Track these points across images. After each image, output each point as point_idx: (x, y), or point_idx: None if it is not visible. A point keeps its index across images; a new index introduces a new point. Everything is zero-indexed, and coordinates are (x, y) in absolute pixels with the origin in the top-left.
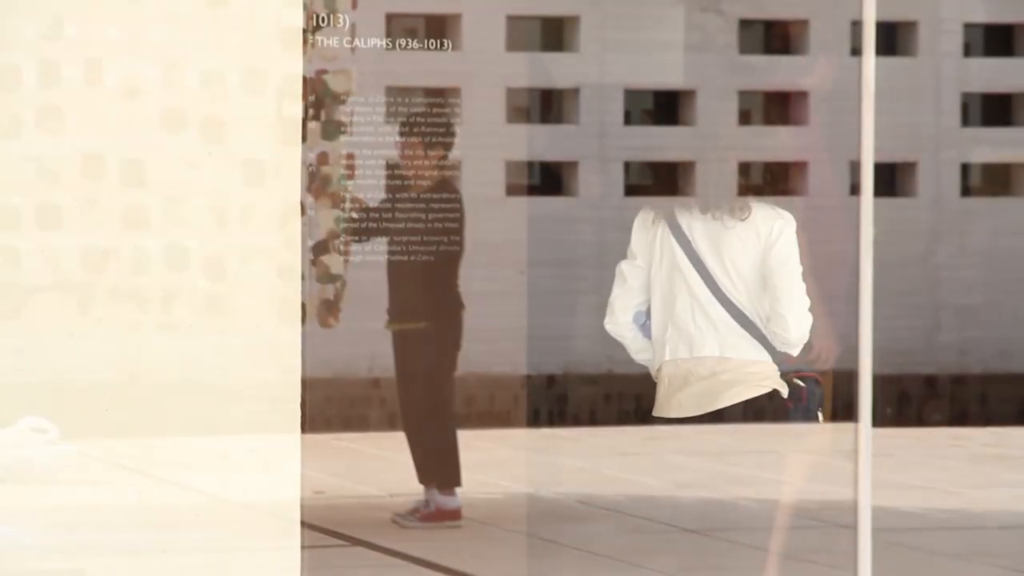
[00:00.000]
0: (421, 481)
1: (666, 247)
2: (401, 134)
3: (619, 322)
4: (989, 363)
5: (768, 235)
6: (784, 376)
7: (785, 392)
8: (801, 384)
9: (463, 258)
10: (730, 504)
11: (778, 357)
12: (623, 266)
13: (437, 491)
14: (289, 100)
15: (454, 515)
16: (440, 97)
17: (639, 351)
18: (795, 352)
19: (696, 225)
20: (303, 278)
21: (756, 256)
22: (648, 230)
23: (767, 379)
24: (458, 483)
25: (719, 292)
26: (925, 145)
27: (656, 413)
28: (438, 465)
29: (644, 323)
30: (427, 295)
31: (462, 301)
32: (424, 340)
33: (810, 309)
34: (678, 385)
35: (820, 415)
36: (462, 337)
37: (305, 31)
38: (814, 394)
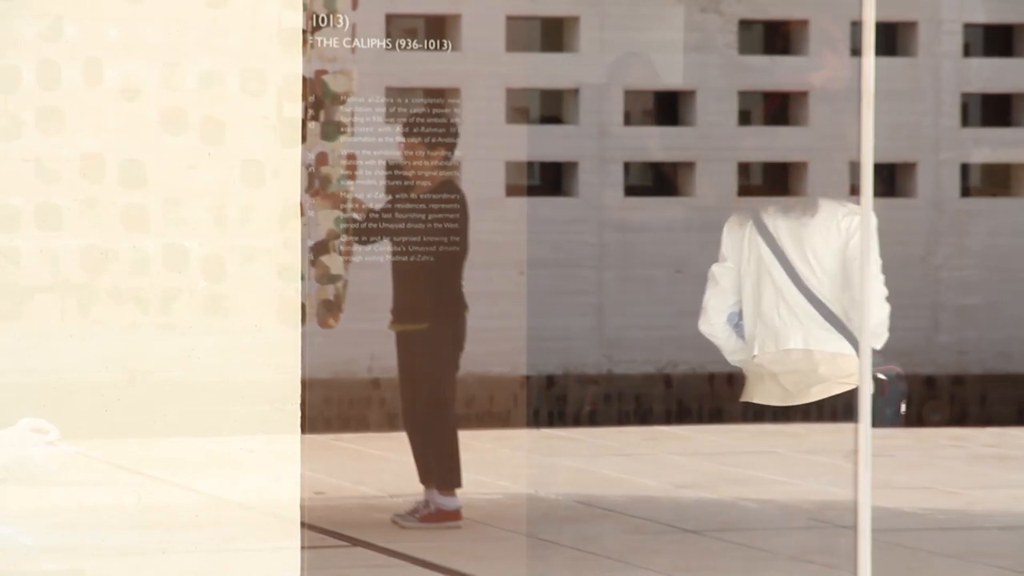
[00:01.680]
0: (422, 481)
1: (753, 247)
2: (404, 135)
3: (713, 323)
4: (988, 364)
5: (848, 228)
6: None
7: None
8: (883, 378)
9: (466, 259)
10: (730, 504)
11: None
12: (715, 269)
13: (437, 492)
14: (289, 101)
15: (454, 516)
16: (440, 97)
17: (733, 351)
18: (878, 346)
19: (780, 223)
20: (303, 278)
21: (838, 250)
22: (737, 233)
23: (852, 375)
24: (458, 484)
25: (802, 286)
26: (925, 145)
27: (744, 399)
28: (438, 465)
29: (737, 324)
30: (430, 296)
31: (465, 302)
32: (427, 341)
33: (888, 299)
34: (767, 375)
35: (903, 408)
36: (465, 338)
37: (305, 31)
38: (896, 388)
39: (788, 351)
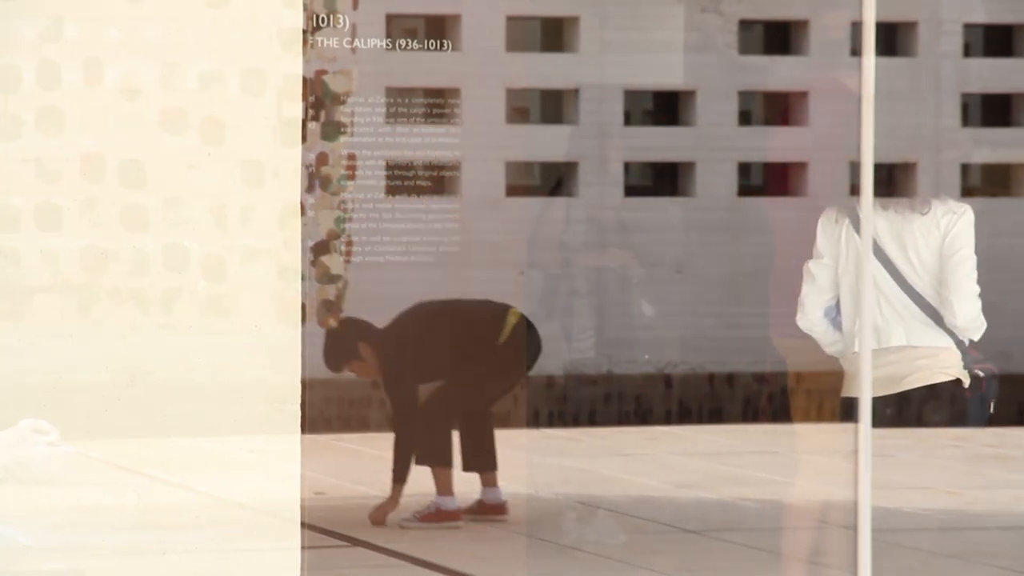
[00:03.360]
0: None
1: (851, 244)
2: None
3: (811, 318)
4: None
5: (947, 226)
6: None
7: (967, 381)
8: (980, 375)
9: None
10: (730, 504)
11: (963, 346)
12: (811, 265)
13: (437, 492)
14: (289, 101)
15: (453, 516)
16: (440, 97)
17: (831, 343)
18: (975, 337)
19: (879, 221)
20: (303, 278)
21: (936, 247)
22: (832, 229)
23: (952, 367)
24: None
25: (904, 283)
26: (925, 145)
27: (844, 394)
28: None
29: (834, 317)
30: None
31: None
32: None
33: (980, 296)
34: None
35: (992, 406)
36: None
37: (305, 31)
38: (991, 386)
39: (890, 348)
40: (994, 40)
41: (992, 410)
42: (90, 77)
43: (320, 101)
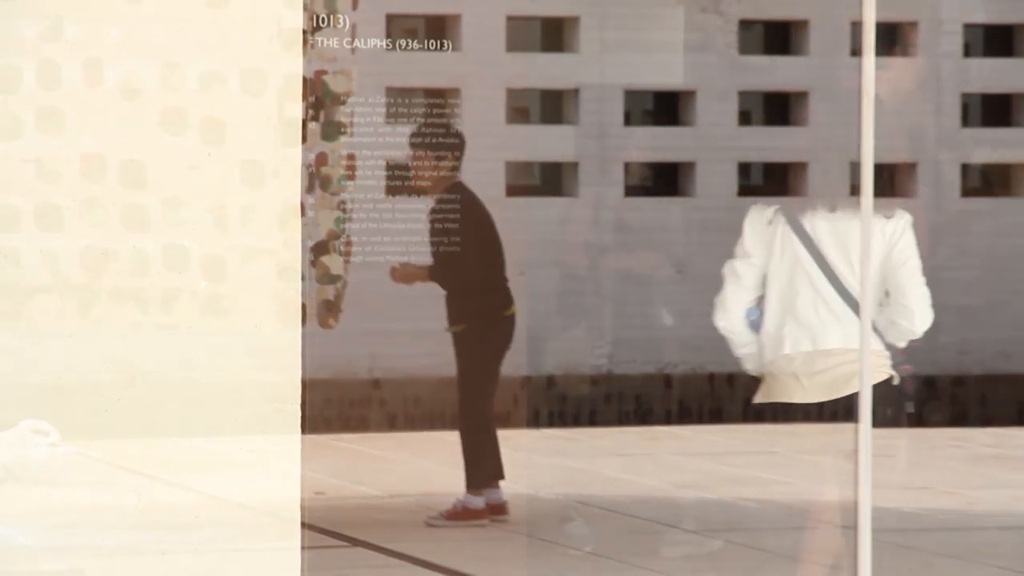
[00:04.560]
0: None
1: (787, 244)
2: (411, 146)
3: (733, 318)
4: (989, 364)
5: (892, 233)
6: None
7: (897, 380)
8: (905, 376)
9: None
10: (730, 504)
11: (892, 348)
12: (737, 264)
13: (467, 491)
14: (289, 101)
15: (479, 514)
16: (440, 98)
17: (744, 345)
18: (915, 339)
19: (821, 223)
20: (303, 279)
21: (880, 253)
22: (765, 229)
23: (883, 367)
24: (484, 484)
25: (840, 286)
26: (925, 145)
27: (765, 399)
28: (465, 464)
29: (754, 320)
30: (469, 297)
31: (511, 298)
32: (463, 341)
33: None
34: (802, 374)
35: (911, 406)
36: (511, 335)
37: (305, 31)
38: (912, 387)
39: (827, 351)
40: (994, 40)
41: (911, 410)
42: (90, 77)
43: (320, 101)
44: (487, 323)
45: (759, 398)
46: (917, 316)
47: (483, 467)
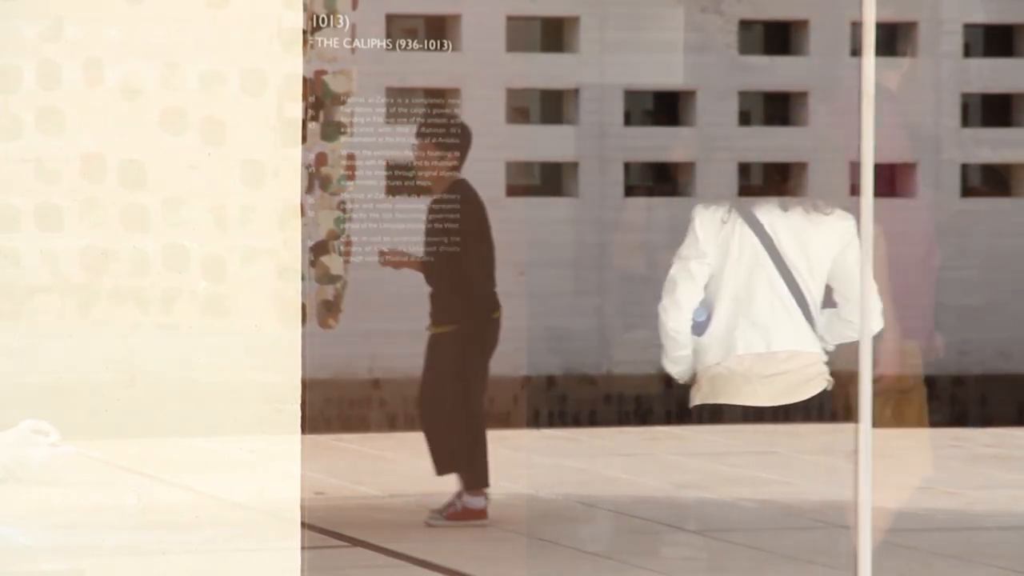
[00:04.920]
0: (440, 473)
1: (746, 244)
2: (418, 136)
3: (685, 318)
4: (989, 364)
5: (845, 233)
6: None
7: (831, 385)
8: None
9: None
10: (730, 504)
11: (827, 349)
12: (693, 265)
13: (464, 491)
14: (289, 101)
15: (480, 515)
16: (440, 98)
17: (684, 347)
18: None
19: (778, 222)
20: (303, 279)
21: (835, 253)
22: (719, 228)
23: (824, 375)
24: (486, 484)
25: (796, 288)
26: (925, 145)
27: (707, 400)
28: (467, 466)
29: (700, 321)
30: (461, 297)
31: (498, 302)
32: (457, 341)
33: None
34: (754, 376)
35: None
36: (496, 338)
37: (305, 31)
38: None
39: (781, 353)
40: (994, 40)
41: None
42: (90, 77)
43: (320, 101)
44: (478, 325)
45: (701, 399)
46: (876, 313)
47: (482, 467)
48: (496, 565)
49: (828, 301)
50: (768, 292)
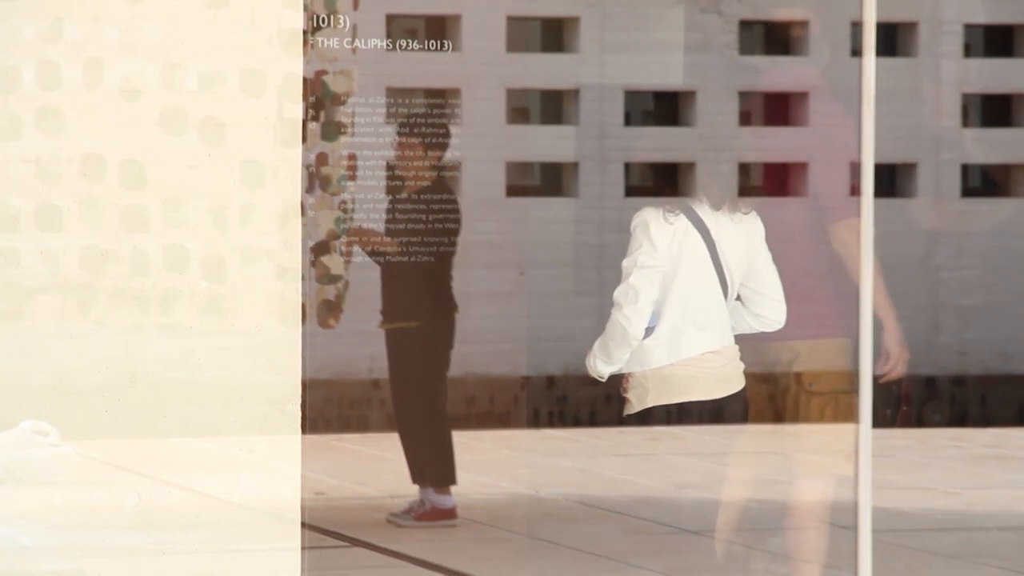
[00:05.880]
0: (415, 481)
1: (688, 243)
2: (399, 134)
3: (644, 326)
4: (988, 364)
5: (756, 231)
6: None
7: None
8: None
9: (459, 258)
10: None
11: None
12: (654, 274)
13: (432, 490)
14: (289, 101)
15: (449, 514)
16: (440, 98)
17: (631, 350)
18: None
19: (714, 224)
20: (303, 279)
21: (743, 248)
22: (667, 229)
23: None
24: (453, 482)
25: (725, 285)
26: (925, 146)
27: (662, 402)
28: (433, 464)
29: (650, 326)
30: (421, 295)
31: (455, 301)
32: (417, 340)
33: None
34: (703, 374)
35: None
36: (454, 337)
37: (305, 32)
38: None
39: (721, 350)
40: (994, 40)
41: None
42: (90, 77)
43: (320, 101)
44: (445, 323)
45: (653, 400)
46: (783, 308)
47: (449, 466)
48: (496, 565)
49: None
50: (711, 294)
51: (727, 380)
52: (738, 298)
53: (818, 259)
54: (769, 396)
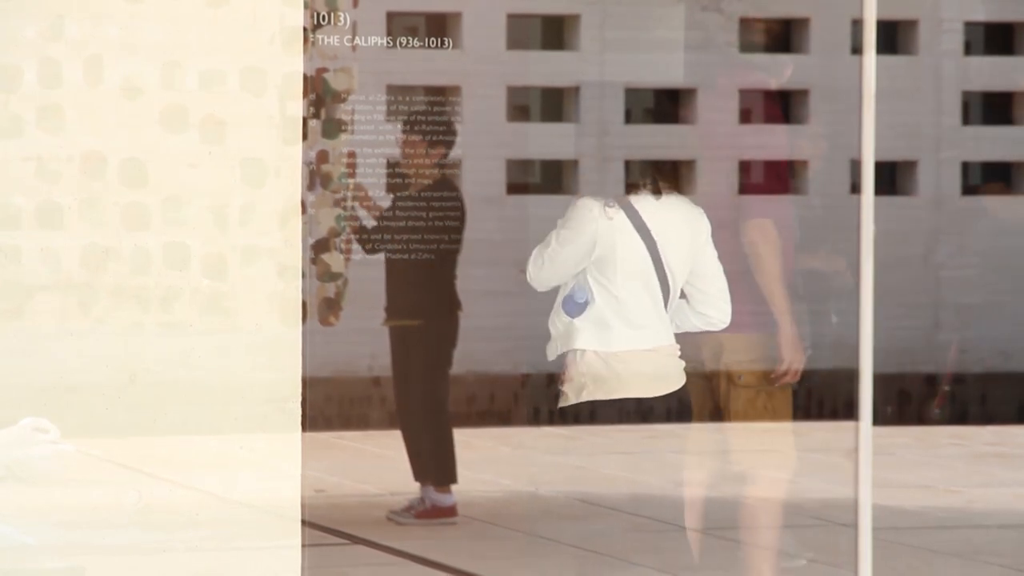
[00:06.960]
0: (417, 478)
1: (625, 241)
2: (403, 131)
3: (543, 287)
4: (989, 362)
5: (704, 228)
6: None
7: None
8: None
9: (461, 256)
10: (730, 503)
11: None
12: (584, 260)
13: (433, 488)
14: (290, 99)
15: (449, 512)
16: (441, 96)
17: (561, 332)
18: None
19: (655, 218)
20: (304, 277)
21: (691, 243)
22: (604, 222)
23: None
24: (453, 480)
25: (665, 280)
26: (925, 144)
27: (598, 397)
28: (434, 462)
29: (581, 302)
30: (424, 292)
31: (459, 299)
32: (420, 337)
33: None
34: (636, 372)
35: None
36: (458, 335)
37: (306, 29)
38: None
39: (661, 345)
40: (995, 38)
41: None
42: (91, 76)
43: (321, 99)
44: (449, 321)
45: (588, 395)
46: (727, 308)
47: (450, 464)
48: (496, 562)
49: None
50: (648, 294)
51: (664, 379)
52: (683, 296)
53: (732, 257)
54: (705, 392)
